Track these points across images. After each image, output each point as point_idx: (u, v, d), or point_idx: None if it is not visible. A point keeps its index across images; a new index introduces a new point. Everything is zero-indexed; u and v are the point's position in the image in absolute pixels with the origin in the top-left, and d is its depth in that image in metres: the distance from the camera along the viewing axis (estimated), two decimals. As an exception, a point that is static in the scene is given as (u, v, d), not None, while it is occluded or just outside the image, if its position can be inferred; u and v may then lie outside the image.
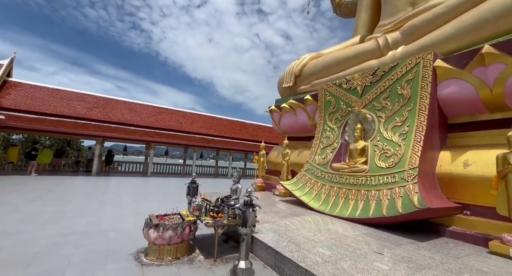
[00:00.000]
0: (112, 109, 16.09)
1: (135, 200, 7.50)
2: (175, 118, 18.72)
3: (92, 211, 5.73)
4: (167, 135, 16.58)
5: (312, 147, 7.25)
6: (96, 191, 8.58)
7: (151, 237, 3.16)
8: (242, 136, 20.96)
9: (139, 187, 10.68)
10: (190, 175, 19.90)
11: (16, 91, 13.24)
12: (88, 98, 15.69)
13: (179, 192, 9.80)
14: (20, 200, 6.32)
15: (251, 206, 2.82)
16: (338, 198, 5.51)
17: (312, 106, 8.47)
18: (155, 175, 17.00)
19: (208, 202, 3.96)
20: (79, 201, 6.68)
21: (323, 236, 3.73)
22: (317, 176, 6.40)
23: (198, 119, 20.06)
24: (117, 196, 7.95)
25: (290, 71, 10.39)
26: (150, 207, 6.57)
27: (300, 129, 9.61)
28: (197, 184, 4.91)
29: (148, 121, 17.05)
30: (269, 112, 11.82)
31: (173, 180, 14.90)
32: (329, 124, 6.99)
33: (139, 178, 14.64)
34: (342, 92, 6.72)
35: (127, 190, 9.33)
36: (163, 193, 9.21)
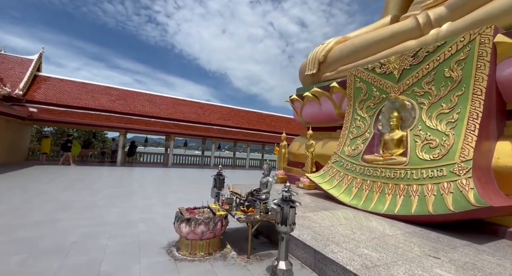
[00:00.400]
0: (133, 101, 16.42)
1: (160, 190, 7.58)
2: (193, 110, 18.79)
3: (121, 201, 5.82)
4: (186, 127, 16.70)
5: (340, 137, 6.81)
6: (122, 181, 8.81)
7: (183, 231, 3.04)
8: (260, 127, 20.69)
9: (162, 177, 10.87)
10: (208, 166, 20.18)
11: (46, 85, 13.84)
12: (111, 91, 16.09)
13: (201, 182, 9.85)
14: (55, 189, 6.59)
15: (290, 202, 2.57)
16: (372, 192, 5.13)
17: (338, 94, 7.94)
18: (175, 166, 17.35)
19: (237, 196, 3.77)
20: (108, 191, 6.84)
21: (363, 234, 3.42)
22: (347, 169, 6.02)
23: (215, 110, 20.00)
24: (142, 186, 8.09)
25: (313, 57, 9.80)
26: (176, 198, 6.59)
27: (324, 119, 9.13)
28: (224, 176, 4.76)
29: (167, 112, 17.24)
30: (289, 102, 11.39)
31: (193, 171, 15.10)
32: (360, 113, 6.49)
33: (160, 168, 14.98)
34: (375, 77, 6.15)
35: (151, 181, 9.51)
36: (185, 184, 9.29)
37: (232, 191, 3.99)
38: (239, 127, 19.56)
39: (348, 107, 6.91)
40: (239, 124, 19.77)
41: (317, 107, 9.31)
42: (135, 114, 15.67)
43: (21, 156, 13.14)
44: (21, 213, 4.40)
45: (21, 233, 3.46)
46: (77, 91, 14.80)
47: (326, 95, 8.45)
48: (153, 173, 12.27)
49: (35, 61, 13.70)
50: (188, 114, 18.09)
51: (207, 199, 6.52)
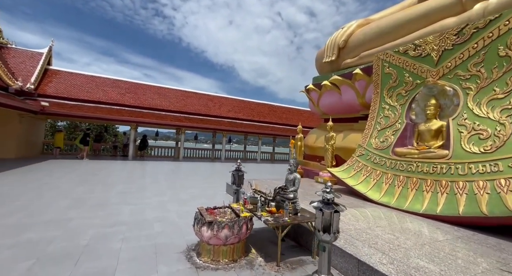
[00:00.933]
0: (143, 94, 16.22)
1: (173, 186, 7.32)
2: (202, 102, 18.45)
3: (134, 197, 5.57)
4: (197, 120, 16.42)
5: (366, 129, 6.25)
6: (135, 176, 8.63)
7: (204, 235, 2.68)
8: (271, 119, 20.16)
9: (174, 172, 10.67)
10: (219, 159, 19.98)
11: (57, 79, 13.79)
12: (120, 84, 15.93)
13: (214, 177, 9.57)
14: (67, 185, 6.44)
15: (334, 205, 2.13)
16: (407, 189, 4.62)
17: (362, 81, 7.31)
18: (186, 160, 17.22)
19: (262, 194, 3.37)
20: (121, 187, 6.63)
21: (409, 239, 2.97)
22: (375, 163, 5.50)
23: (225, 102, 19.59)
24: (155, 181, 7.86)
25: (332, 43, 9.11)
26: (190, 194, 6.30)
27: (345, 109, 8.53)
28: (243, 172, 4.37)
29: (177, 105, 16.98)
30: (305, 92, 10.79)
31: (204, 165, 14.89)
32: (389, 102, 5.88)
33: (171, 162, 14.85)
34: (407, 61, 5.50)
35: (163, 175, 9.30)
36: (198, 179, 9.02)
37: (255, 189, 3.59)
38: (250, 120, 19.11)
39: (375, 96, 6.30)
40: (250, 117, 19.31)
41: (337, 96, 8.70)
42: (145, 107, 15.49)
43: (36, 151, 13.29)
44: (32, 211, 4.19)
45: (29, 235, 3.22)
46: (87, 84, 14.71)
47: (347, 83, 7.83)
48: (165, 167, 12.10)
49: (45, 55, 13.61)
50: (198, 107, 17.78)
51: (221, 196, 6.21)
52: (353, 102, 7.81)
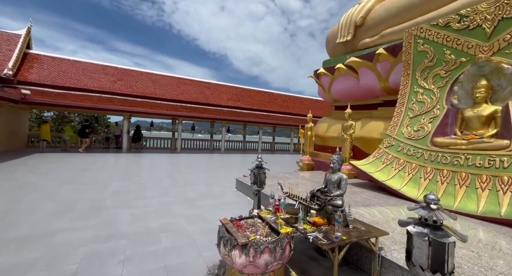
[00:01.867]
0: (135, 82, 15.04)
1: (176, 182, 6.56)
2: (199, 90, 17.37)
3: (133, 198, 4.80)
4: (194, 109, 15.44)
5: (394, 116, 5.53)
6: (131, 171, 7.81)
7: (236, 262, 1.96)
8: (272, 108, 19.30)
9: (174, 165, 9.87)
10: (218, 150, 19.19)
11: (38, 64, 12.48)
12: (110, 70, 14.67)
13: (218, 170, 8.81)
14: (54, 183, 5.60)
15: (447, 231, 1.41)
16: (453, 185, 3.98)
17: (386, 63, 6.51)
18: (184, 152, 16.40)
19: (300, 200, 2.65)
20: (116, 185, 5.84)
21: (498, 258, 2.32)
22: (409, 155, 4.82)
23: (224, 90, 18.54)
24: (155, 177, 7.08)
25: (347, 21, 8.19)
26: (196, 191, 5.56)
27: (362, 95, 7.77)
28: (265, 169, 3.63)
29: (172, 93, 15.89)
30: (314, 77, 9.95)
31: (204, 156, 14.12)
32: (423, 84, 5.14)
33: (169, 155, 14.02)
34: (449, 35, 4.71)
35: (162, 169, 8.51)
36: (201, 172, 8.27)
37: (289, 193, 2.86)
38: (250, 109, 18.22)
39: (405, 78, 5.54)
40: (250, 105, 18.40)
41: (353, 81, 7.90)
42: (138, 95, 14.38)
43: (20, 144, 12.22)
44: (9, 220, 3.39)
45: (1, 259, 2.44)
46: (73, 71, 13.43)
47: (367, 66, 7.02)
48: (163, 160, 11.27)
49: (24, 37, 12.20)
50: (195, 95, 16.73)
51: (231, 193, 5.44)
52: (373, 87, 7.04)
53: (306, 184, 5.69)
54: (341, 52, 8.83)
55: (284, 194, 2.90)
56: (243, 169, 9.41)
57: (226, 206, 4.56)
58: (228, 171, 8.69)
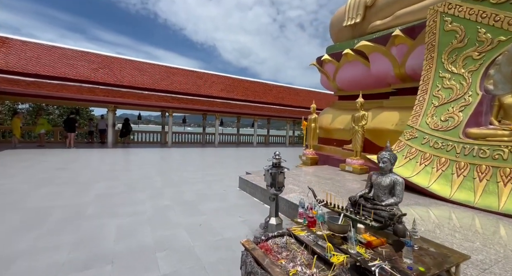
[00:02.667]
0: (120, 71, 13.79)
1: (170, 181, 5.81)
2: (191, 80, 16.29)
3: (121, 203, 4.04)
4: (185, 100, 14.44)
5: (416, 105, 4.98)
6: (117, 169, 6.96)
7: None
8: (267, 99, 18.53)
9: (165, 161, 9.05)
10: (212, 144, 18.36)
11: (6, 49, 11.02)
12: (92, 57, 13.32)
13: (215, 166, 8.06)
14: (24, 187, 4.71)
15: None
16: (495, 183, 3.49)
17: (403, 46, 5.91)
18: (175, 146, 15.50)
19: (344, 212, 2.01)
20: (100, 186, 5.02)
21: None
22: (436, 148, 4.30)
23: (217, 80, 17.52)
24: (146, 176, 6.29)
25: (356, 1, 7.48)
26: (195, 192, 4.84)
27: (372, 83, 7.19)
28: (285, 169, 2.98)
29: (162, 84, 14.77)
30: (316, 65, 9.27)
31: (197, 151, 13.33)
32: (450, 68, 4.58)
33: (159, 149, 13.11)
34: (485, 11, 4.13)
35: (153, 166, 7.69)
36: (196, 169, 7.53)
37: (325, 202, 2.21)
38: (245, 100, 17.38)
39: (428, 62, 4.96)
40: (244, 96, 17.54)
41: (361, 68, 7.29)
42: (124, 85, 13.20)
43: (-10, 139, 10.92)
44: (-50, 241, 2.58)
45: None
46: (48, 57, 12.04)
47: (380, 51, 6.40)
48: (153, 155, 10.40)
49: (-13, 18, 10.68)
50: (186, 86, 15.67)
51: (235, 194, 4.65)
52: (386, 74, 6.46)
53: (321, 182, 5.10)
54: (347, 36, 8.16)
55: (317, 203, 2.25)
56: (241, 164, 8.76)
57: (233, 210, 3.90)
58: (226, 167, 8.00)
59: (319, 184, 4.73)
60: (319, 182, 4.94)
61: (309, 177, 5.56)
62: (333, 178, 5.49)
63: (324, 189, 4.30)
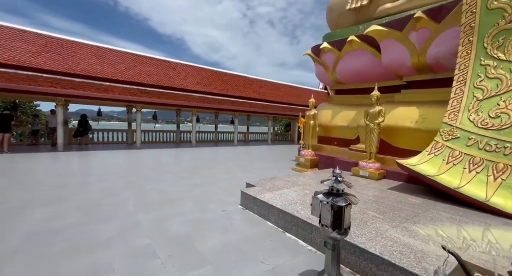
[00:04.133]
0: (72, 56, 11.27)
1: (146, 198, 4.31)
2: (162, 71, 14.24)
3: (68, 249, 2.52)
4: (157, 94, 12.49)
5: (452, 99, 4.21)
6: (68, 182, 5.18)
7: None
8: (247, 94, 17.25)
9: (135, 167, 7.34)
10: (188, 143, 16.55)
11: None
12: (32, 38, 10.58)
13: (198, 171, 6.54)
14: None
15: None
16: None
17: (425, 31, 5.14)
18: (145, 146, 13.50)
19: None
20: (38, 215, 3.36)
21: None
22: (488, 151, 3.56)
23: (192, 72, 15.67)
24: (110, 191, 4.67)
25: (363, -19, 6.60)
26: (183, 217, 3.45)
27: (381, 75, 6.42)
28: (352, 198, 1.83)
29: (127, 74, 12.55)
30: (311, 55, 8.30)
31: (171, 152, 11.61)
32: (496, 54, 3.86)
33: (126, 151, 11.10)
34: (545, -14, 3.43)
35: (120, 175, 6.01)
36: (178, 178, 6.05)
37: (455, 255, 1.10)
38: (224, 94, 15.89)
39: (464, 48, 4.21)
40: (223, 91, 16.03)
41: (368, 57, 6.48)
42: (77, 74, 10.80)
43: None
44: None
45: None
46: (-32, 34, 9.18)
47: (395, 37, 5.59)
48: (118, 159, 8.53)
49: None
50: (157, 77, 13.63)
51: (241, 216, 3.24)
52: (401, 64, 5.69)
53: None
54: (350, 22, 7.28)
55: None
56: (230, 167, 7.37)
57: (247, 249, 2.65)
58: (213, 173, 6.63)
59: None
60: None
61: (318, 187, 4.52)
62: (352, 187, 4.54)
63: (368, 210, 3.28)
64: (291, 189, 4.25)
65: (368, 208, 3.32)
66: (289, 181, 4.86)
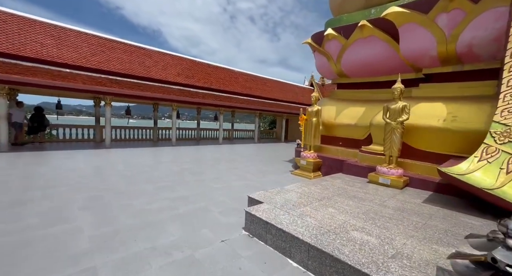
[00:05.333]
0: (18, 34, 9.17)
1: (112, 224, 3.04)
2: (137, 59, 12.44)
3: None
4: (130, 84, 10.79)
5: (504, 92, 3.47)
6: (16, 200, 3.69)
7: None
8: (233, 88, 15.99)
9: (102, 174, 5.88)
10: (167, 141, 14.95)
11: None
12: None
13: (182, 178, 5.31)
14: None
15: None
16: None
17: (457, 12, 4.38)
18: (115, 145, 11.77)
19: None
20: None
21: None
22: (560, 157, 2.82)
23: (172, 62, 14.00)
24: (59, 216, 3.33)
25: (378, -44, 5.73)
26: (165, 258, 2.26)
27: (395, 66, 5.64)
28: None
29: (93, 60, 10.65)
30: (311, 43, 7.37)
31: (148, 152, 10.12)
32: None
33: (92, 152, 9.40)
34: None
35: (77, 188, 4.58)
36: (158, 187, 4.78)
37: None
38: (208, 88, 14.48)
39: (517, 31, 3.46)
40: (207, 84, 14.60)
41: (382, 46, 5.67)
42: (26, 57, 8.81)
43: None
44: None
45: None
46: None
47: (419, 20, 4.78)
48: (81, 163, 6.95)
49: None
50: (130, 65, 11.85)
51: (241, 241, 2.31)
52: (424, 53, 4.93)
53: (367, 209, 3.15)
54: (359, 5, 6.41)
55: None
56: (221, 171, 6.12)
57: None
58: (202, 181, 5.43)
59: (367, 214, 2.79)
60: (360, 209, 3.00)
61: (341, 201, 3.58)
62: (370, 197, 3.67)
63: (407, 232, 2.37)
64: (311, 206, 3.25)
65: (430, 237, 2.41)
66: (302, 193, 3.86)
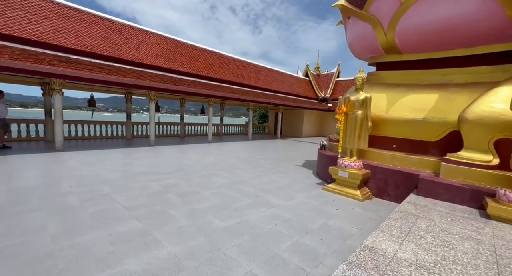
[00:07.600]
0: None
1: None
2: (100, 33, 9.59)
3: None
4: (89, 65, 8.07)
5: None
6: None
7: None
8: (224, 76, 13.58)
9: (33, 201, 3.46)
10: (144, 138, 12.36)
11: None
12: None
13: (156, 217, 3.02)
14: None
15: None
16: None
17: None
18: (72, 146, 9.07)
19: None
20: None
21: None
22: None
23: (149, 40, 11.23)
24: None
25: None
26: None
27: (488, 31, 3.78)
28: None
29: (34, 30, 7.75)
30: (346, 6, 5.36)
31: (118, 155, 7.64)
32: None
33: (39, 156, 6.76)
34: None
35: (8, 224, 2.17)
36: (120, 236, 2.53)
37: None
38: (195, 74, 11.99)
39: None
40: (193, 70, 12.08)
41: (476, 1, 3.75)
42: None
43: None
44: None
45: None
46: None
47: None
48: (21, 179, 4.42)
49: None
50: (90, 41, 9.02)
51: None
52: None
53: None
54: None
55: None
56: (224, 193, 3.56)
57: None
58: (196, 213, 3.23)
59: None
60: None
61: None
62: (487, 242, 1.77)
63: None
64: None
65: None
66: (417, 251, 1.85)
